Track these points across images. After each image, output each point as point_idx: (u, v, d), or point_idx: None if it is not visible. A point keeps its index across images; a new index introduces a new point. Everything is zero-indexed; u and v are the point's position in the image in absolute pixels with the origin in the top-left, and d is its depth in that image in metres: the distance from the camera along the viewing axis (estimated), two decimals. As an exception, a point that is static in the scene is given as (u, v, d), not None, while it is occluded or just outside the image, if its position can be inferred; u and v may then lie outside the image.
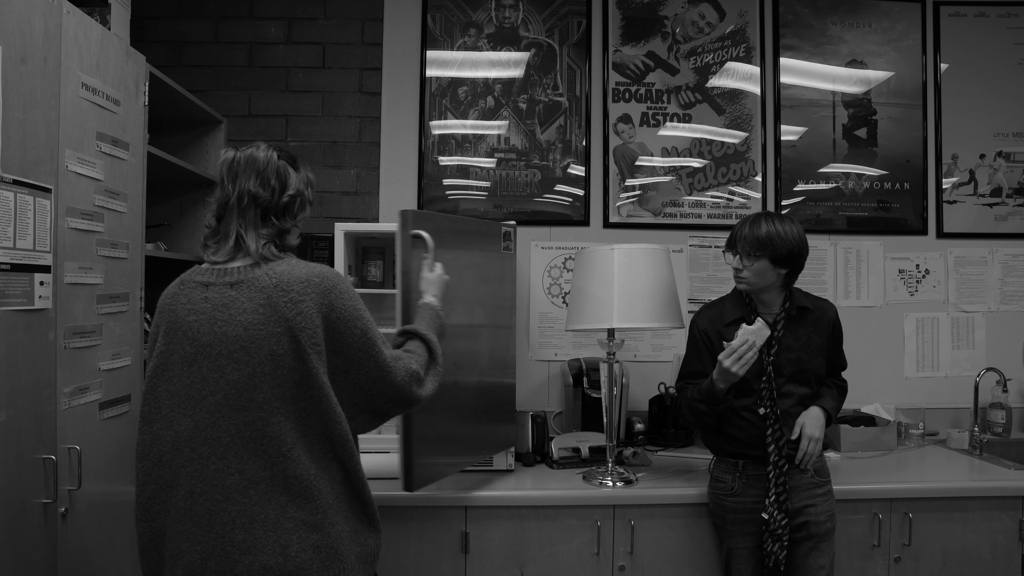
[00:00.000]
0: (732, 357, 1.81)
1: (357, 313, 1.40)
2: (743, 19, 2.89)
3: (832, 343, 2.03)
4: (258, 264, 1.39)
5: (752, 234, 1.89)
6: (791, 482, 1.90)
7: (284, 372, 1.32)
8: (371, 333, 1.40)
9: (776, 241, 1.87)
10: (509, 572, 2.05)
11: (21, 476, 1.46)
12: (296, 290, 1.35)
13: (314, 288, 1.36)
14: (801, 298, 2.01)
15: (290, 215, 1.47)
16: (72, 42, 1.63)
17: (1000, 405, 2.76)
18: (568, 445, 2.39)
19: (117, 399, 1.84)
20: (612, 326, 2.08)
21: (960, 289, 2.93)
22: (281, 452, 1.32)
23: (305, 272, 1.38)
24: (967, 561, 2.14)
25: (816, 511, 1.90)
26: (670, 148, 2.87)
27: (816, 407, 1.95)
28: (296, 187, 1.47)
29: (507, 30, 2.85)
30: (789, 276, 1.94)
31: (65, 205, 1.60)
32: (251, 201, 1.42)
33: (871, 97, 2.92)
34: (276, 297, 1.34)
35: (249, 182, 1.41)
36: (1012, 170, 2.94)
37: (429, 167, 2.81)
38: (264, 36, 2.82)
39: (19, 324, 1.45)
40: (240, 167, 1.43)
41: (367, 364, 1.39)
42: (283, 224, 1.46)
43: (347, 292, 1.40)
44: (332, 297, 1.37)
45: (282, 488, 1.31)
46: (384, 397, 1.44)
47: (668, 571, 2.08)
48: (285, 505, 1.31)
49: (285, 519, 1.31)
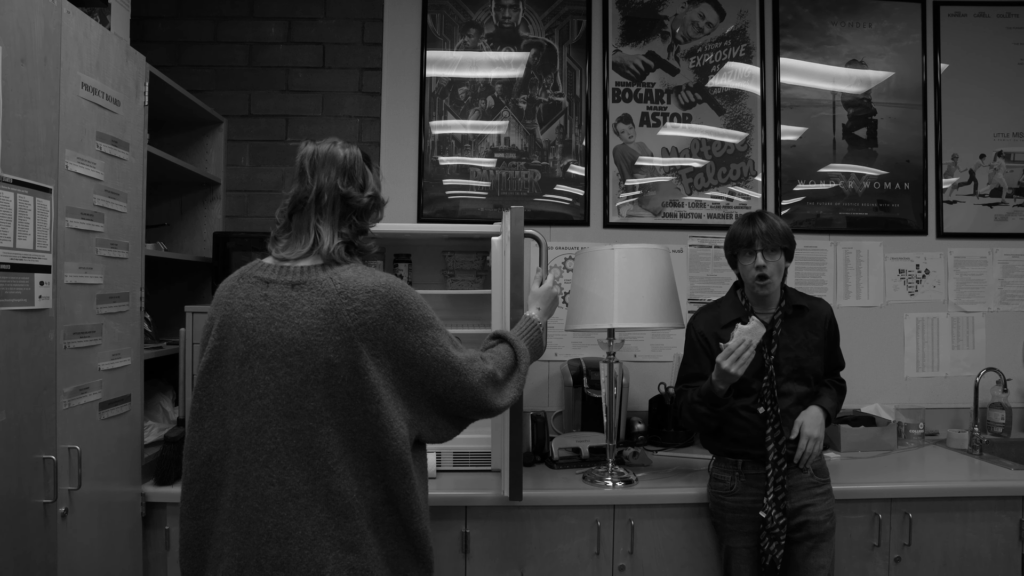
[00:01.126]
0: (731, 358, 1.81)
1: (427, 323, 1.34)
2: (743, 19, 2.89)
3: (829, 342, 2.03)
4: (326, 266, 1.33)
5: (772, 228, 1.90)
6: (790, 481, 1.90)
7: (338, 383, 1.27)
8: (442, 340, 1.36)
9: (791, 235, 1.95)
10: (509, 572, 2.05)
11: (21, 476, 1.46)
12: (361, 299, 1.28)
13: (380, 299, 1.30)
14: (796, 296, 2.02)
15: (368, 216, 1.42)
16: (72, 42, 1.63)
17: (1000, 405, 2.76)
18: (568, 445, 2.39)
19: (117, 399, 1.84)
20: (612, 326, 2.08)
21: (960, 289, 2.93)
22: (327, 465, 1.25)
23: (372, 281, 1.31)
24: (967, 561, 2.14)
25: (815, 511, 1.90)
26: (670, 148, 2.86)
27: (815, 407, 1.95)
28: (373, 187, 1.42)
29: (507, 30, 2.85)
30: (785, 273, 1.99)
31: (65, 205, 1.60)
32: (332, 198, 1.35)
33: (871, 97, 2.92)
34: (339, 304, 1.28)
35: (330, 177, 1.35)
36: (1012, 170, 2.94)
37: (429, 167, 2.81)
38: (264, 36, 2.82)
39: (19, 324, 1.45)
40: (320, 161, 1.36)
41: (444, 373, 1.35)
42: (363, 224, 1.40)
43: (415, 302, 1.35)
44: (399, 309, 1.31)
45: (323, 503, 1.25)
46: (463, 404, 1.39)
47: (668, 571, 2.08)
48: (324, 522, 1.25)
49: (323, 537, 1.25)
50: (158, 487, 2.02)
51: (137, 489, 1.97)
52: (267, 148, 2.81)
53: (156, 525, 2.01)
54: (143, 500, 1.98)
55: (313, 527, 1.25)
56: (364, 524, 1.28)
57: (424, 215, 2.80)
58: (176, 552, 2.00)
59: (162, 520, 2.01)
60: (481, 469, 2.26)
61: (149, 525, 2.00)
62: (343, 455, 1.27)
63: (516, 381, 1.49)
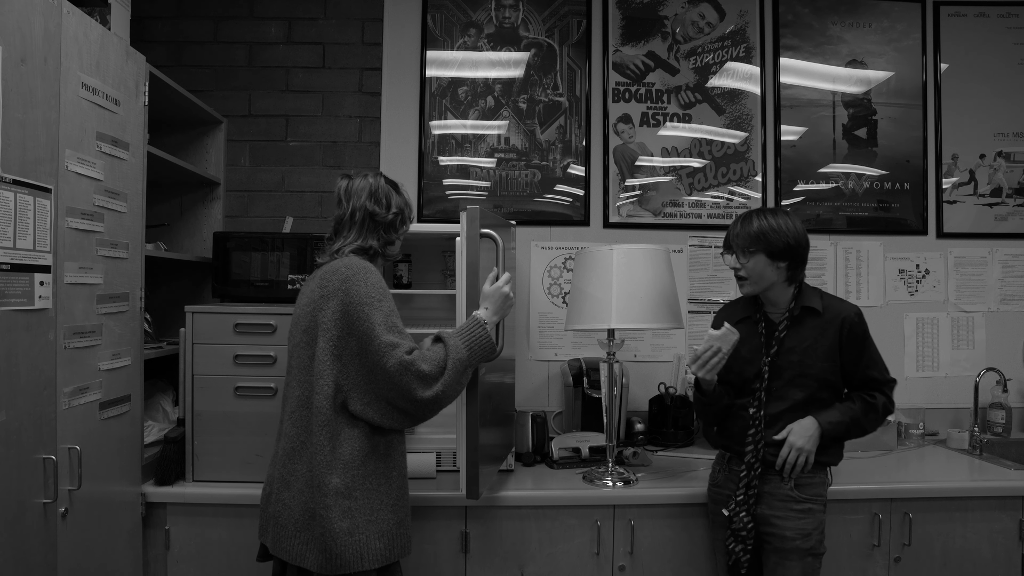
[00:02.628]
0: (698, 363, 1.83)
1: (369, 300, 1.58)
2: (743, 19, 2.89)
3: (846, 348, 1.85)
4: (331, 260, 1.68)
5: (744, 230, 1.85)
6: (766, 487, 1.84)
7: (305, 344, 1.63)
8: (375, 319, 1.57)
9: (770, 234, 1.81)
10: (509, 572, 2.05)
11: (21, 476, 1.46)
12: (328, 278, 1.62)
13: (339, 275, 1.61)
14: (811, 298, 1.88)
15: (393, 229, 1.76)
16: (72, 42, 1.63)
17: (1000, 405, 2.76)
18: (568, 445, 2.39)
19: (117, 399, 1.84)
20: (610, 326, 2.08)
21: (960, 289, 2.93)
22: (285, 410, 1.68)
23: (342, 263, 1.63)
24: (967, 561, 2.14)
25: (785, 525, 1.80)
26: (670, 148, 2.86)
27: (811, 418, 1.83)
28: (398, 206, 1.77)
29: (507, 30, 2.85)
30: (792, 271, 1.84)
31: (65, 205, 1.60)
32: (362, 216, 1.71)
33: (871, 97, 2.92)
34: (316, 285, 1.64)
35: (360, 200, 1.71)
36: (1012, 170, 2.94)
37: (429, 167, 2.81)
38: (264, 36, 2.82)
39: (19, 324, 1.45)
40: (353, 190, 1.73)
41: (367, 348, 1.56)
42: (389, 236, 1.75)
43: (365, 282, 1.60)
44: (350, 284, 1.59)
45: (283, 439, 1.67)
46: (387, 386, 1.58)
47: (668, 571, 2.08)
48: (286, 456, 1.65)
49: (282, 470, 1.65)
50: (158, 487, 2.02)
51: (137, 489, 1.97)
52: (267, 148, 2.81)
53: (156, 525, 2.01)
54: (143, 500, 1.98)
55: (284, 458, 1.64)
56: (300, 466, 1.61)
57: (424, 215, 2.80)
58: (176, 552, 2.02)
59: (162, 520, 2.01)
60: (481, 469, 2.26)
61: (149, 525, 2.01)
62: (297, 405, 1.63)
63: (448, 377, 1.61)
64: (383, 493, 1.61)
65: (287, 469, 1.62)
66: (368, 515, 1.58)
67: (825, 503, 1.86)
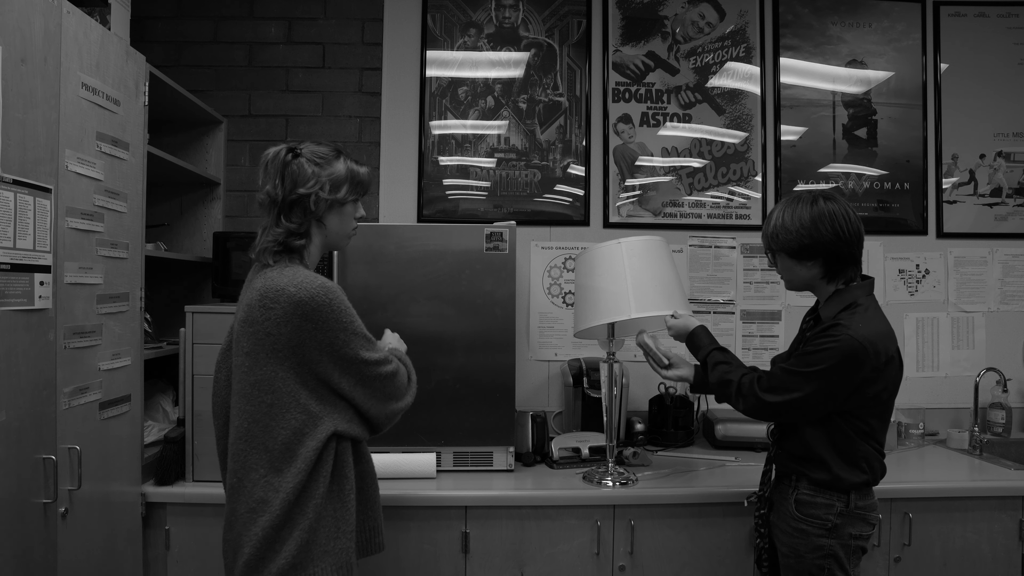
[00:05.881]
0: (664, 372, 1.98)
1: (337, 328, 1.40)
2: (743, 19, 2.89)
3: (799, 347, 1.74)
4: (262, 268, 1.45)
5: (764, 229, 1.75)
6: (775, 494, 1.78)
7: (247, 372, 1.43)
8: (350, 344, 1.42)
9: (781, 234, 1.66)
10: (509, 572, 2.05)
11: (21, 476, 1.46)
12: (271, 301, 1.37)
13: (288, 300, 1.36)
14: (831, 306, 1.67)
15: (298, 215, 1.42)
16: (72, 42, 1.63)
17: (1000, 405, 2.76)
18: (568, 445, 2.39)
19: (117, 399, 1.84)
20: (631, 316, 2.02)
21: (960, 289, 2.93)
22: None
23: (285, 283, 1.37)
24: (967, 561, 2.14)
25: (780, 537, 1.73)
26: (670, 148, 2.86)
27: (701, 325, 1.91)
28: (310, 186, 1.40)
29: (507, 30, 2.84)
30: (828, 268, 1.65)
31: (65, 205, 1.60)
32: (264, 201, 1.45)
33: (871, 97, 2.92)
34: (252, 307, 1.40)
35: (265, 180, 1.45)
36: (1012, 170, 2.94)
37: (429, 167, 2.81)
38: (264, 36, 2.81)
39: (19, 324, 1.45)
40: (263, 168, 1.46)
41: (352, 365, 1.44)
42: (290, 224, 1.41)
43: (328, 310, 1.38)
44: (306, 310, 1.36)
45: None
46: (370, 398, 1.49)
47: (668, 571, 2.08)
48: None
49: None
50: (158, 487, 2.02)
51: (137, 489, 1.97)
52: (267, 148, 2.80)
53: (156, 525, 2.01)
54: (143, 500, 1.98)
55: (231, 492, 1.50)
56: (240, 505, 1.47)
57: (424, 215, 2.80)
58: (176, 552, 2.02)
59: (162, 520, 2.01)
60: (481, 469, 2.26)
61: (149, 525, 2.00)
62: (237, 437, 1.46)
63: (413, 387, 1.59)
64: (339, 519, 1.43)
65: (229, 508, 1.46)
66: (325, 545, 1.40)
67: (830, 529, 1.64)
